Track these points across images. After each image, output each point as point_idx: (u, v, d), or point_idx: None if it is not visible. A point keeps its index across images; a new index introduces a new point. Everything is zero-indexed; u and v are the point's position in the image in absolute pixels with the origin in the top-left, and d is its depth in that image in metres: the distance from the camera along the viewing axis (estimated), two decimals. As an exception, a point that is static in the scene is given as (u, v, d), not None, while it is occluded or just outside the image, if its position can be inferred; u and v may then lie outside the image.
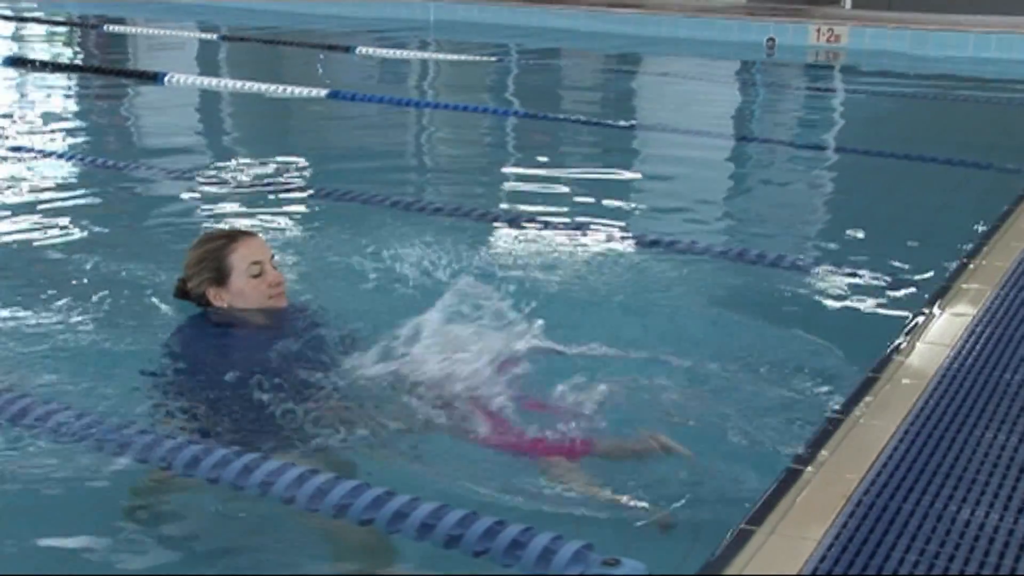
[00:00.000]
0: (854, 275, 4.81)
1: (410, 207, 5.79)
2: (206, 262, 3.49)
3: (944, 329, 3.88)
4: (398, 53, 13.59)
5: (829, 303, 4.53)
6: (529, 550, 2.47)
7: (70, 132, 8.54)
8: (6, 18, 16.36)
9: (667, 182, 7.16)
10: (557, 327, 3.96)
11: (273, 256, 3.59)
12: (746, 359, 3.79)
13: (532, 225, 5.56)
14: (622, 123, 9.28)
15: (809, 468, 2.83)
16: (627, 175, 7.45)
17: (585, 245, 5.22)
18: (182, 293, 3.59)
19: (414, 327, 3.57)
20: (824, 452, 2.92)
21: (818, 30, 14.77)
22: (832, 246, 5.45)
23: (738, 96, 11.87)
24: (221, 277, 3.47)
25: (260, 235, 3.74)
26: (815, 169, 7.93)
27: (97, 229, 5.46)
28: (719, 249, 5.14)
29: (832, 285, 4.73)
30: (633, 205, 6.51)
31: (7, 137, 7.99)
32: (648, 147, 8.62)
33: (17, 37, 14.91)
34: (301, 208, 5.98)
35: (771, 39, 14.71)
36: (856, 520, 2.59)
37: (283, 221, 5.65)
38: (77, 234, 5.32)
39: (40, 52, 13.27)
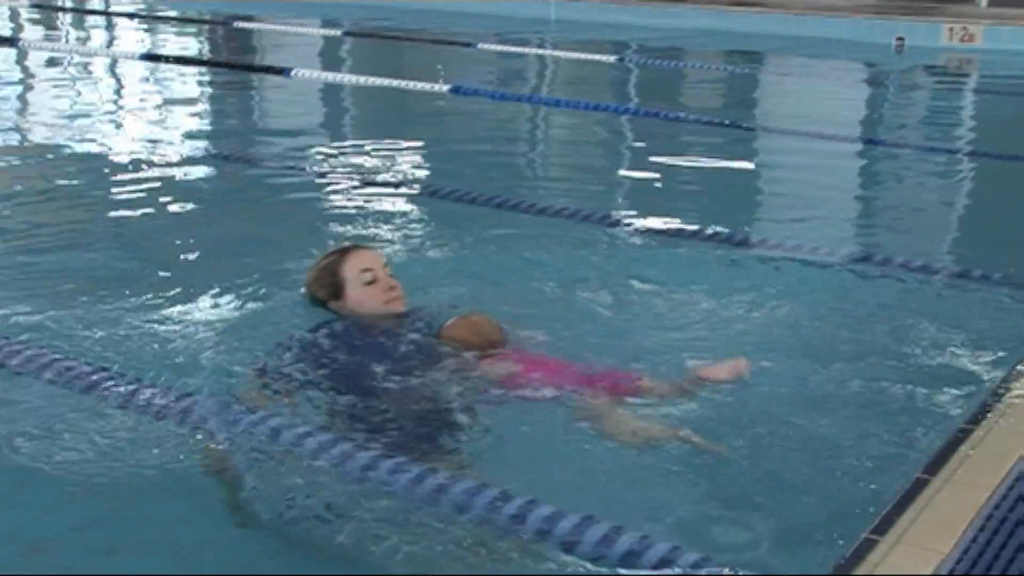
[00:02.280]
0: (985, 281, 4.66)
1: (529, 209, 5.80)
2: (322, 279, 3.67)
3: (1082, 340, 3.73)
4: (519, 50, 13.66)
5: (959, 310, 4.38)
6: (644, 561, 2.45)
7: (201, 124, 8.83)
8: (142, 17, 16.96)
9: (789, 185, 7.03)
10: (676, 332, 3.95)
11: (386, 264, 3.70)
12: (873, 365, 3.70)
13: (650, 227, 5.49)
14: (744, 124, 9.14)
15: (938, 478, 2.76)
16: (749, 177, 7.33)
17: (706, 249, 5.14)
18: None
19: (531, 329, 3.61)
20: (953, 462, 2.84)
21: (950, 29, 14.31)
22: (962, 251, 5.30)
23: (865, 97, 11.59)
24: (337, 290, 3.63)
25: (371, 247, 3.83)
26: (946, 173, 7.70)
27: (224, 218, 5.63)
28: (844, 252, 5.03)
29: (962, 291, 4.58)
30: (756, 208, 6.42)
31: (143, 128, 8.30)
32: (771, 149, 8.47)
33: (152, 34, 15.43)
34: (423, 206, 6.03)
35: (900, 38, 14.31)
36: (987, 534, 2.50)
37: (403, 218, 5.71)
38: (206, 223, 5.48)
39: (173, 48, 13.70)
